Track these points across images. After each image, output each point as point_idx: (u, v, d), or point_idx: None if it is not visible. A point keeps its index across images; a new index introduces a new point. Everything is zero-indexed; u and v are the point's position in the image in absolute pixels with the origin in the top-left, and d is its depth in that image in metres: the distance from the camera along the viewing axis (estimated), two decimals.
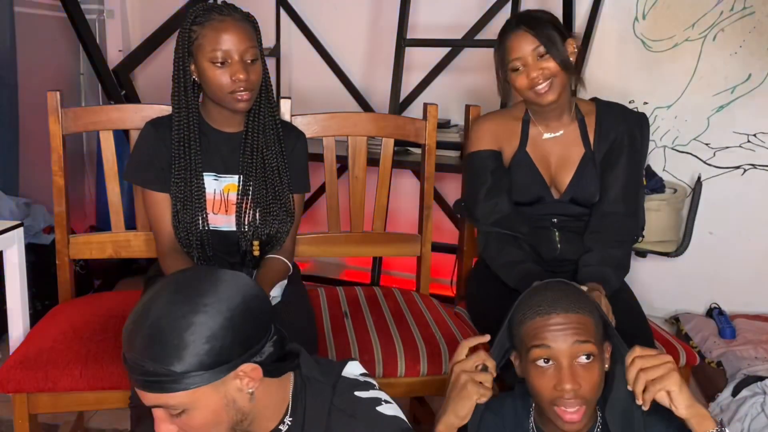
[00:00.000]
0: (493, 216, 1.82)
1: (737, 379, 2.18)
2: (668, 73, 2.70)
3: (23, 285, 1.86)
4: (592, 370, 1.22)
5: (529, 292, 1.29)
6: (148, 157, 1.70)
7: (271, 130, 1.72)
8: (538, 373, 1.23)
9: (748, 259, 2.72)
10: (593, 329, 1.24)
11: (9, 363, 1.60)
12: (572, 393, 1.19)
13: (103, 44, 3.46)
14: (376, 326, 1.82)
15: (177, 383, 1.02)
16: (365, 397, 1.17)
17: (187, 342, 1.01)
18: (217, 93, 1.62)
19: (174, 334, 1.01)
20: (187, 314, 1.02)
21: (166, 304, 1.04)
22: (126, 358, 1.05)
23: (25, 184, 3.05)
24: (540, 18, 1.74)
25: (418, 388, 1.76)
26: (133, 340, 1.03)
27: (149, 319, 1.03)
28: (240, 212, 1.70)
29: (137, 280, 3.19)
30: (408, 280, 3.13)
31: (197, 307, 1.03)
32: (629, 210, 1.81)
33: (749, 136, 2.66)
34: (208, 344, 1.02)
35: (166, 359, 1.01)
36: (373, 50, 3.23)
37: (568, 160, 1.83)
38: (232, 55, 1.58)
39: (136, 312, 1.06)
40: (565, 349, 1.20)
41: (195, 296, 1.04)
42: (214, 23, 1.58)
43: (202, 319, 1.02)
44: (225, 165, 1.71)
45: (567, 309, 1.22)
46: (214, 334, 1.02)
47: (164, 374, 1.01)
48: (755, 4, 2.57)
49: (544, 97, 1.72)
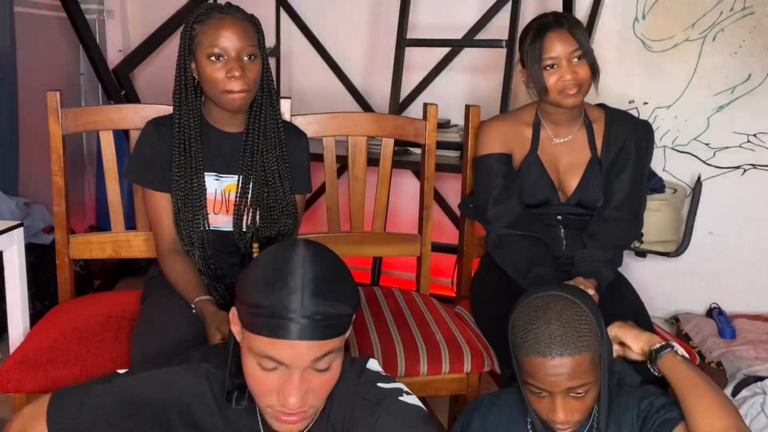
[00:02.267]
0: (506, 218, 1.83)
1: (737, 379, 2.18)
2: (668, 73, 2.71)
3: (23, 285, 1.86)
4: (585, 399, 1.24)
5: (530, 307, 1.26)
6: (149, 157, 1.70)
7: (273, 131, 1.72)
8: (532, 396, 1.27)
9: (748, 259, 2.72)
10: (591, 365, 1.23)
11: (9, 363, 1.60)
12: (564, 423, 1.24)
13: (103, 44, 3.46)
14: (376, 326, 1.82)
15: (346, 322, 1.09)
16: (388, 388, 1.20)
17: (347, 284, 1.11)
18: (212, 90, 1.61)
19: (336, 278, 1.09)
20: (336, 263, 1.12)
21: (317, 258, 1.09)
22: (297, 313, 1.04)
23: (25, 184, 3.04)
24: (578, 22, 1.77)
25: (418, 388, 1.75)
26: (306, 292, 1.05)
27: (316, 274, 1.07)
28: (238, 213, 1.70)
29: (137, 280, 3.18)
30: (408, 280, 3.13)
31: (338, 261, 1.13)
32: (630, 216, 1.84)
33: (749, 136, 2.66)
34: (355, 287, 1.13)
35: (339, 300, 1.07)
36: (373, 50, 3.23)
37: (576, 165, 1.85)
38: (229, 52, 1.58)
39: (287, 272, 1.07)
40: (560, 390, 1.22)
41: (329, 253, 1.13)
42: (214, 20, 1.59)
43: (345, 269, 1.13)
44: (226, 165, 1.71)
45: (563, 352, 1.20)
46: (352, 280, 1.13)
47: (339, 315, 1.06)
48: (755, 4, 2.58)
49: (569, 100, 1.74)
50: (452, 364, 1.72)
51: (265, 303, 1.05)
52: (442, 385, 1.75)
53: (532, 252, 1.80)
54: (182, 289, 1.61)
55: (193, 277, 1.63)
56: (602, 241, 1.80)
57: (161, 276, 1.72)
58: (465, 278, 2.11)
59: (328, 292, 1.06)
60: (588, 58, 1.73)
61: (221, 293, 1.66)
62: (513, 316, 1.29)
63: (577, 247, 1.84)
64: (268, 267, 1.09)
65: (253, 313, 1.06)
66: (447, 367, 1.71)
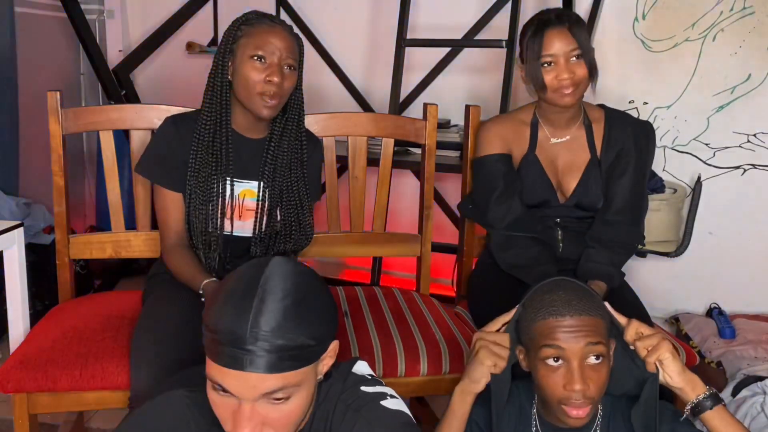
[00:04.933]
0: (507, 219, 1.83)
1: (737, 379, 2.18)
2: (668, 73, 2.70)
3: (23, 285, 1.86)
4: (601, 371, 1.23)
5: (541, 289, 1.29)
6: (164, 154, 1.69)
7: (296, 141, 1.74)
8: (547, 370, 1.24)
9: (748, 259, 2.72)
10: (604, 331, 1.25)
11: (9, 363, 1.60)
12: (581, 393, 1.21)
13: (103, 44, 3.46)
14: (376, 326, 1.82)
15: (310, 355, 1.02)
16: (371, 392, 1.16)
17: (317, 312, 1.03)
18: (246, 91, 1.61)
19: (304, 304, 1.02)
20: (307, 286, 1.04)
21: (282, 282, 1.02)
22: (246, 342, 0.97)
23: (25, 184, 3.04)
24: (579, 20, 1.75)
25: (418, 388, 1.76)
26: (260, 319, 0.98)
27: (274, 299, 0.99)
28: (259, 219, 1.71)
29: (137, 280, 3.19)
30: (408, 280, 3.13)
31: (310, 285, 1.05)
32: (633, 218, 1.84)
33: (749, 136, 2.66)
34: (328, 314, 1.06)
35: (302, 330, 1.00)
36: (373, 50, 3.23)
37: (575, 165, 1.85)
38: (273, 57, 1.59)
39: (244, 296, 1.00)
40: (577, 350, 1.21)
41: (301, 276, 1.05)
42: (264, 26, 1.62)
43: (318, 294, 1.05)
44: (243, 170, 1.71)
45: (581, 311, 1.22)
46: (327, 307, 1.06)
47: (299, 346, 0.99)
48: (755, 4, 2.57)
49: (565, 99, 1.73)
50: (452, 364, 1.72)
51: (215, 326, 0.99)
52: (442, 385, 1.75)
53: (537, 251, 1.80)
54: (187, 278, 1.62)
55: (197, 264, 1.64)
56: (608, 244, 1.80)
57: (163, 274, 1.72)
58: (465, 278, 2.11)
59: (290, 319, 0.99)
60: (586, 58, 1.72)
61: None
62: (522, 307, 1.31)
63: (573, 249, 1.83)
64: (228, 286, 1.02)
65: (206, 335, 1.01)
66: (447, 367, 1.72)
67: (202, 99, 1.69)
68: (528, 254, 1.79)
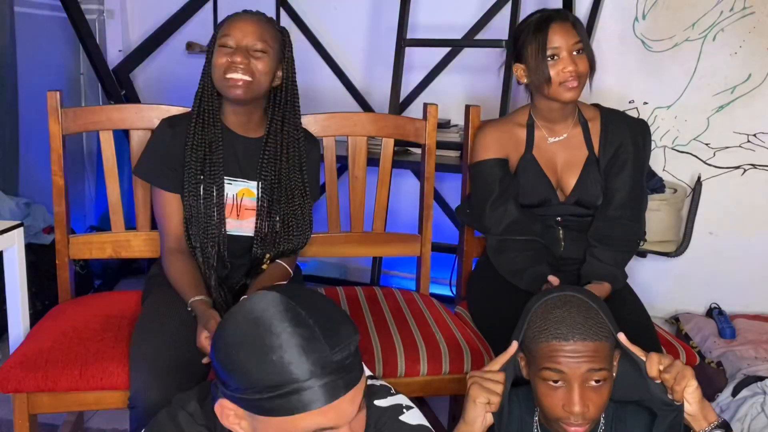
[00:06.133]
0: (503, 223, 1.83)
1: (737, 379, 2.18)
2: (668, 73, 2.70)
3: (23, 285, 1.86)
4: (602, 392, 1.22)
5: (549, 303, 1.25)
6: (161, 156, 1.70)
7: (293, 138, 1.74)
8: (547, 389, 1.23)
9: (748, 259, 2.72)
10: (609, 353, 1.23)
11: (9, 363, 1.60)
12: (580, 416, 1.20)
13: (103, 44, 3.45)
14: (376, 326, 1.82)
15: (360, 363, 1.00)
16: (386, 406, 1.12)
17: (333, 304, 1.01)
18: (216, 78, 1.64)
19: (331, 303, 1.00)
20: (305, 291, 1.02)
21: (284, 303, 0.96)
22: (335, 362, 0.92)
23: (25, 184, 3.04)
24: (577, 17, 1.79)
25: (418, 388, 1.76)
26: (328, 335, 0.93)
27: (309, 314, 0.94)
28: (259, 219, 1.71)
29: (137, 280, 3.19)
30: (408, 280, 3.13)
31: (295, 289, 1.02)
32: (634, 215, 1.84)
33: (749, 136, 2.66)
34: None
35: (351, 325, 0.98)
36: (373, 50, 3.23)
37: (573, 163, 1.85)
38: (239, 42, 1.61)
39: (289, 332, 0.92)
40: (579, 374, 1.19)
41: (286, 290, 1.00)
42: (235, 17, 1.65)
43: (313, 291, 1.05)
44: (240, 169, 1.71)
45: (585, 336, 1.19)
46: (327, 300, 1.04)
47: (355, 339, 0.97)
48: (755, 4, 2.57)
49: (568, 94, 1.74)
50: (452, 364, 1.71)
51: (289, 377, 0.90)
52: (442, 385, 1.75)
53: (530, 253, 1.80)
54: (180, 289, 1.62)
55: (191, 277, 1.63)
56: (610, 241, 1.80)
57: (162, 275, 1.72)
58: (465, 278, 2.11)
59: (342, 322, 0.96)
60: (587, 52, 1.75)
61: (224, 295, 1.67)
62: (526, 320, 1.28)
63: (575, 248, 1.83)
64: (256, 343, 0.92)
65: (271, 398, 0.92)
66: (447, 367, 1.71)
67: (193, 101, 1.70)
68: (522, 257, 1.79)
